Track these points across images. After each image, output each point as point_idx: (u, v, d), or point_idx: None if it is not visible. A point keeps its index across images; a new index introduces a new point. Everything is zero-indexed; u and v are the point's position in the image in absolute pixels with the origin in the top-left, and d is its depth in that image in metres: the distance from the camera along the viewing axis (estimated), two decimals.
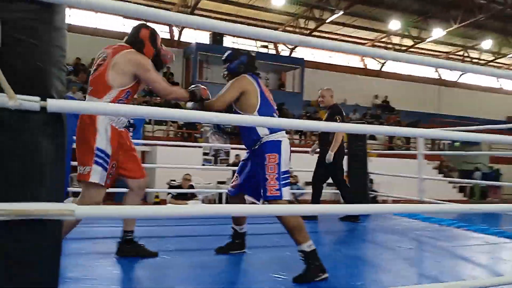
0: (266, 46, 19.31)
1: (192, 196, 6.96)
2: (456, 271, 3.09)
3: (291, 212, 2.60)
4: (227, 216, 3.33)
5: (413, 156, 14.82)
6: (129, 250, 2.95)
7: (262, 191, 2.78)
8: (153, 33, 2.84)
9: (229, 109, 2.94)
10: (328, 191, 8.86)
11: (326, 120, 4.97)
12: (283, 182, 2.74)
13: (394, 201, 11.42)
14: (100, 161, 2.58)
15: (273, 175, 2.73)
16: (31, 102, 1.22)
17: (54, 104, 1.27)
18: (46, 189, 1.31)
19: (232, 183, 3.18)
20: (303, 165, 6.21)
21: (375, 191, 13.96)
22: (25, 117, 1.24)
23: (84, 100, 3.32)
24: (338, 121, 4.76)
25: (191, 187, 7.14)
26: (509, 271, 3.10)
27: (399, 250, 3.71)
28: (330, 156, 4.78)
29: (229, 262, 3.05)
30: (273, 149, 2.77)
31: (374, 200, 13.46)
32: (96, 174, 2.56)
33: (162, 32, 17.55)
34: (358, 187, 5.57)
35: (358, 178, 5.65)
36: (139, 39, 2.78)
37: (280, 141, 2.79)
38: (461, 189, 16.53)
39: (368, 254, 3.69)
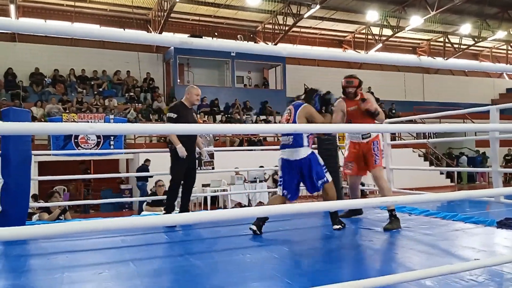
0: None
1: None
2: (413, 261, 3.07)
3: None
4: None
5: (401, 146, 14.90)
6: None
7: None
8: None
9: None
10: None
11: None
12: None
13: (371, 192, 11.48)
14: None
15: None
16: None
17: None
18: None
19: None
20: None
21: (362, 183, 14.01)
22: None
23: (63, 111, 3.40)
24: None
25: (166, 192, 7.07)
26: (467, 257, 3.08)
27: (364, 243, 3.70)
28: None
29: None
30: None
31: (362, 192, 13.53)
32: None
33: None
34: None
35: (330, 173, 5.59)
36: None
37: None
38: (449, 175, 16.60)
39: (334, 247, 3.67)
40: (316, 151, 4.31)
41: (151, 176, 10.12)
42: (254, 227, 3.95)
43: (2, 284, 2.71)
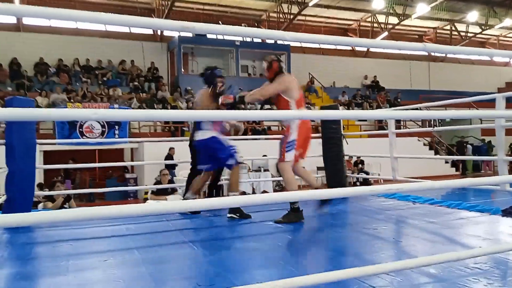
0: None
1: (172, 191, 6.94)
2: (417, 249, 3.06)
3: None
4: None
5: (406, 135, 14.83)
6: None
7: None
8: None
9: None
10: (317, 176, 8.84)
11: None
12: None
13: (375, 182, 11.45)
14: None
15: None
16: None
17: None
18: None
19: None
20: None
21: (366, 172, 14.01)
22: None
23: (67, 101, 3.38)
24: None
25: (171, 181, 7.12)
26: (472, 245, 3.07)
27: (368, 231, 3.69)
28: None
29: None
30: None
31: (366, 181, 13.51)
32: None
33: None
34: (334, 171, 5.53)
35: (334, 162, 5.60)
36: None
37: None
38: (454, 164, 16.53)
39: (338, 235, 3.66)
40: (218, 135, 4.29)
41: (176, 165, 10.94)
42: (234, 215, 4.10)
43: (8, 272, 2.74)
